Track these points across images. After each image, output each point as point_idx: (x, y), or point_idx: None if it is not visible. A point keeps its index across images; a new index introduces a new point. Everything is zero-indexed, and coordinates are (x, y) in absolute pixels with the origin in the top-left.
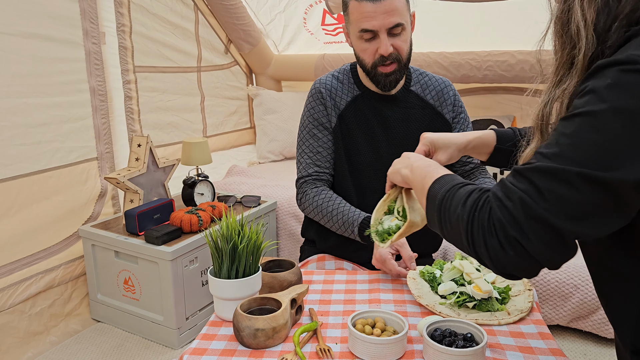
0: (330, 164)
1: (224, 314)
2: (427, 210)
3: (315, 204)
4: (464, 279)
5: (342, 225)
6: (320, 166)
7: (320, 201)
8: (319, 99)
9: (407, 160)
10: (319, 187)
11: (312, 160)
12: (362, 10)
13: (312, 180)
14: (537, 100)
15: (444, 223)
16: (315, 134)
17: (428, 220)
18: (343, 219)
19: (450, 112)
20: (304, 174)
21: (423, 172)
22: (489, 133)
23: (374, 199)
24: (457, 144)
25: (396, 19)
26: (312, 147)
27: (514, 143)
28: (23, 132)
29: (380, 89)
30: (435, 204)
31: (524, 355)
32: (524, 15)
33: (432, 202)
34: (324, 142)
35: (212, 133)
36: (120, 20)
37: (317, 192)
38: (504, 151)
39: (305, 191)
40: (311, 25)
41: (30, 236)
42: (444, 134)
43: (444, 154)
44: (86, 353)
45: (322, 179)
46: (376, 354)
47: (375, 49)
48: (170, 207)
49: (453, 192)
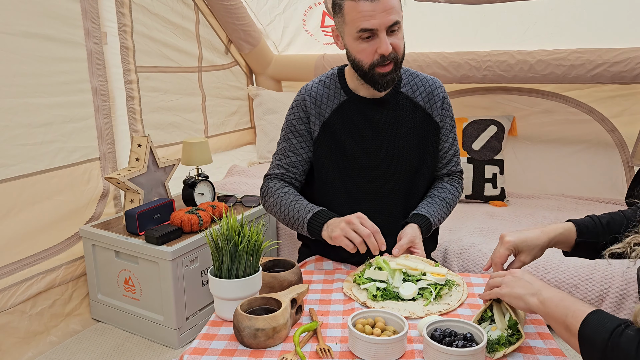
0: (298, 170)
1: (224, 314)
2: (583, 353)
3: (276, 195)
4: (408, 275)
5: (295, 213)
6: (287, 169)
7: (282, 193)
8: (302, 107)
9: (530, 286)
10: (282, 184)
11: (281, 162)
12: (360, 9)
13: (277, 179)
14: (536, 100)
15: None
16: (290, 139)
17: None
18: (298, 207)
19: (439, 114)
20: (270, 172)
21: (561, 309)
22: (569, 227)
23: (367, 203)
24: (540, 245)
25: (394, 16)
26: (284, 151)
27: (596, 234)
28: (25, 133)
29: (377, 90)
30: (596, 349)
31: (524, 355)
32: (524, 15)
33: (590, 346)
34: (296, 148)
35: (214, 133)
36: (122, 20)
37: (280, 187)
38: (587, 244)
39: (268, 185)
40: (310, 26)
41: (32, 236)
42: (524, 235)
43: (528, 256)
44: (86, 353)
45: (286, 180)
46: (376, 354)
47: (374, 49)
48: (170, 207)
49: (616, 340)
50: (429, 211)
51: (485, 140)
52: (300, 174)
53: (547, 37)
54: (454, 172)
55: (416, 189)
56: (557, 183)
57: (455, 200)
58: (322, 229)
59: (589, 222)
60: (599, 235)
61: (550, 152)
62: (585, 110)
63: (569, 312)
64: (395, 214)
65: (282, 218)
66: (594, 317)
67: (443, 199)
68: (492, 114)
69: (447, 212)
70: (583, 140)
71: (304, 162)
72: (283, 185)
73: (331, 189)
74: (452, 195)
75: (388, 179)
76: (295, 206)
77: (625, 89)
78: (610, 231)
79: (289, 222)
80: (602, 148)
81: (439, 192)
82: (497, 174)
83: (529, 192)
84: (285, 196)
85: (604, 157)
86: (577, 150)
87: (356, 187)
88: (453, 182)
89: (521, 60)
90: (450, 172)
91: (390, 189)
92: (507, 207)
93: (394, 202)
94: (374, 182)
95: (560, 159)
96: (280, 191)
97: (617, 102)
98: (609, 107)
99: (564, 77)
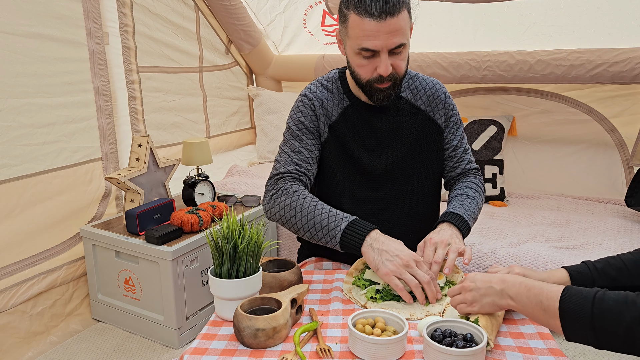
0: (312, 167)
1: (224, 314)
2: (567, 328)
3: (295, 197)
4: None
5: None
6: (301, 166)
7: (302, 195)
8: (310, 107)
9: (492, 290)
10: (299, 185)
11: (292, 159)
12: (364, 27)
13: (291, 178)
14: (536, 100)
15: (604, 337)
16: (300, 136)
17: (569, 337)
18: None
19: (442, 116)
20: (281, 170)
21: (533, 297)
22: (563, 275)
23: (369, 208)
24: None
25: (399, 39)
26: (295, 147)
27: (591, 280)
28: (28, 133)
29: (374, 102)
30: (583, 315)
31: (524, 355)
32: (524, 15)
33: (575, 316)
34: (307, 145)
35: (215, 133)
36: (123, 20)
37: (297, 189)
38: None
39: (283, 186)
40: (311, 26)
41: (34, 236)
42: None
43: None
44: (87, 353)
45: (301, 179)
46: (376, 354)
47: (374, 68)
48: (170, 207)
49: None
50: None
51: (485, 140)
52: (312, 172)
53: (547, 37)
54: (469, 170)
55: (422, 194)
56: (557, 183)
57: (479, 193)
58: (361, 243)
59: (583, 268)
60: (595, 281)
61: (550, 152)
62: (584, 110)
63: (542, 296)
64: (397, 220)
65: (302, 225)
66: (569, 292)
67: (467, 195)
68: (491, 114)
69: (477, 205)
70: (583, 140)
71: (316, 160)
72: (301, 187)
73: (336, 193)
74: (471, 189)
75: (390, 184)
76: (323, 212)
77: (624, 89)
78: (607, 276)
79: (310, 230)
80: (602, 148)
81: (457, 192)
82: (496, 174)
83: (529, 192)
84: (308, 199)
85: (604, 157)
86: (577, 150)
87: (359, 192)
88: (469, 178)
89: (521, 60)
90: (465, 171)
91: (393, 194)
92: (507, 207)
93: (397, 208)
94: (376, 188)
95: (559, 159)
96: (299, 193)
97: (617, 102)
98: (609, 107)
99: (563, 77)
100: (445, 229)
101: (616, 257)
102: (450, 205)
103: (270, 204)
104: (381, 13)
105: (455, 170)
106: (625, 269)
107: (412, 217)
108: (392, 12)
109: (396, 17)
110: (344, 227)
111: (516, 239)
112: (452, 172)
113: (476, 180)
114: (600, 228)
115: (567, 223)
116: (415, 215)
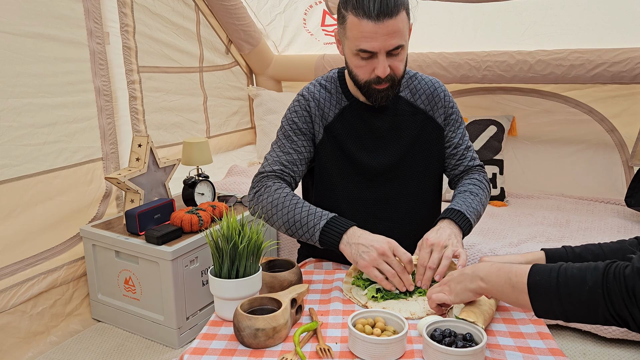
0: (298, 169)
1: (224, 314)
2: (534, 300)
3: (276, 195)
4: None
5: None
6: (286, 167)
7: (284, 193)
8: (305, 107)
9: (464, 277)
10: (281, 184)
11: (280, 159)
12: (362, 29)
13: (275, 177)
14: (536, 100)
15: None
16: (291, 136)
17: (537, 310)
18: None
19: (442, 115)
20: (267, 169)
21: (502, 275)
22: (539, 255)
23: (369, 209)
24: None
25: (397, 40)
26: (284, 148)
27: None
28: (29, 133)
29: (372, 103)
30: (549, 292)
31: (524, 355)
32: (524, 15)
33: (543, 288)
34: (297, 146)
35: (215, 133)
36: (124, 20)
37: (280, 187)
38: None
39: (266, 183)
40: (311, 25)
41: (35, 236)
42: (504, 258)
43: None
44: (87, 353)
45: (285, 179)
46: (376, 353)
47: (372, 69)
48: (170, 207)
49: (564, 273)
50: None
51: (485, 140)
52: (299, 173)
53: (547, 37)
54: (472, 167)
55: (423, 194)
56: (557, 183)
57: (482, 189)
58: (339, 241)
59: (561, 251)
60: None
61: (550, 152)
62: (584, 110)
63: (511, 274)
64: (398, 220)
65: (283, 222)
66: (537, 267)
67: (470, 192)
68: (491, 114)
69: (480, 202)
70: (583, 140)
71: (305, 161)
72: (283, 185)
73: (334, 195)
74: (475, 186)
75: (390, 185)
76: (302, 209)
77: (624, 89)
78: (582, 259)
79: (290, 228)
80: (602, 148)
81: (460, 189)
82: (496, 174)
83: (529, 192)
84: (289, 197)
85: (604, 157)
86: (577, 151)
87: (358, 192)
88: (473, 175)
89: (521, 60)
90: (468, 168)
91: (393, 194)
92: (507, 207)
93: (397, 208)
94: (375, 188)
95: (559, 159)
96: (281, 191)
97: (617, 102)
98: (609, 107)
99: (563, 77)
100: (444, 228)
101: (597, 245)
102: (452, 202)
103: (254, 201)
104: (379, 14)
105: (458, 168)
106: (603, 255)
107: (413, 217)
108: (390, 14)
109: (394, 18)
110: (323, 225)
111: (516, 239)
112: (455, 170)
113: (480, 176)
114: (600, 228)
115: (567, 223)
116: (416, 215)
